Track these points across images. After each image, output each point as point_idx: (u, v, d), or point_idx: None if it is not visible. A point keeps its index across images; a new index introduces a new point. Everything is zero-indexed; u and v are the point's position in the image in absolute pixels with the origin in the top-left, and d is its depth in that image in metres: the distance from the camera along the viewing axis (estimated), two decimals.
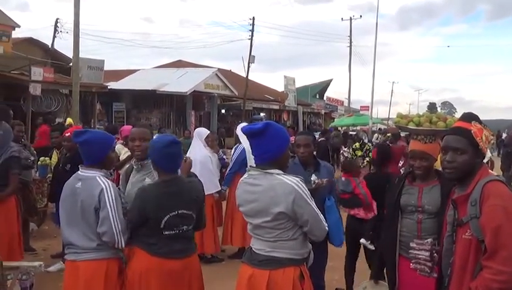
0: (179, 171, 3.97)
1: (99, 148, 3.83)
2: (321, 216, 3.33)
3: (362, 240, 5.49)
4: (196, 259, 3.93)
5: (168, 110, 26.53)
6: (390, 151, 6.57)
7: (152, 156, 3.81)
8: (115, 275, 3.75)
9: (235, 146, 7.94)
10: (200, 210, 3.91)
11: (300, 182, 3.25)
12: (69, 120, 11.84)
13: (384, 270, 4.35)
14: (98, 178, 3.71)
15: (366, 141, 14.50)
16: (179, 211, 3.70)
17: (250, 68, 30.47)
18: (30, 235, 7.92)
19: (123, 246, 3.71)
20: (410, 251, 3.25)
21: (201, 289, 3.91)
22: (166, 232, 3.67)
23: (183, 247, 3.75)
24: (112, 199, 3.64)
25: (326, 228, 3.38)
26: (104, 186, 3.66)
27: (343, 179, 5.66)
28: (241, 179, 3.50)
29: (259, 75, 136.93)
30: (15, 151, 5.47)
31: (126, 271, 3.76)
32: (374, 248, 5.42)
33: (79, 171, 3.81)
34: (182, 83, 25.25)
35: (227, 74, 31.04)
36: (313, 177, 4.63)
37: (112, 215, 3.62)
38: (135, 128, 4.48)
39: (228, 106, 31.25)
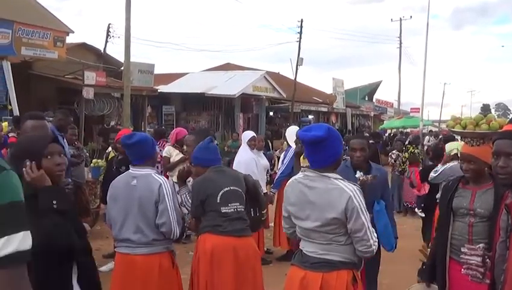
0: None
1: (148, 148, 4.12)
2: (370, 234, 3.25)
3: None
4: (254, 241, 4.59)
5: (216, 113, 26.72)
6: (442, 151, 7.58)
7: (194, 161, 4.64)
8: (169, 268, 3.99)
9: (286, 149, 7.92)
10: (246, 193, 4.53)
11: (358, 191, 3.23)
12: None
13: None
14: (153, 175, 4.02)
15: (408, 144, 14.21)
16: (231, 187, 4.39)
17: (298, 70, 30.47)
18: None
19: (177, 235, 3.99)
20: (461, 255, 3.19)
21: (260, 270, 4.48)
22: (224, 210, 4.26)
23: (242, 227, 4.35)
24: (169, 193, 3.96)
25: (373, 248, 3.27)
26: (161, 182, 3.97)
27: None
28: (295, 177, 3.50)
29: (308, 77, 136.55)
30: None
31: (198, 253, 4.28)
32: (423, 215, 8.54)
33: (131, 170, 4.09)
34: (230, 86, 25.39)
35: (276, 77, 31.01)
36: (358, 174, 4.60)
37: (170, 207, 3.92)
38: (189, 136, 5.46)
39: (276, 109, 31.23)
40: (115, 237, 4.24)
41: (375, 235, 3.31)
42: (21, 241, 1.52)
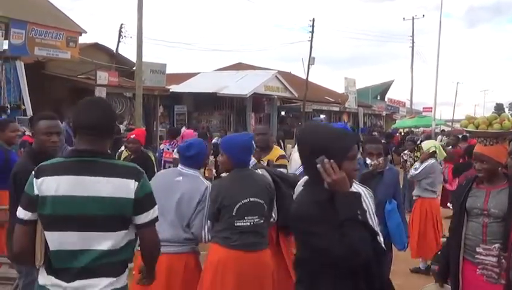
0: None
1: (202, 158, 4.33)
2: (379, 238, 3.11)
3: None
4: (268, 254, 4.10)
5: (228, 113, 26.75)
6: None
7: (226, 151, 4.14)
8: (193, 268, 4.05)
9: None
10: (272, 202, 4.15)
11: (368, 192, 3.21)
12: None
13: None
14: (201, 177, 4.17)
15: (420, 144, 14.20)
16: (251, 199, 3.96)
17: (310, 70, 30.41)
18: None
19: (207, 240, 4.02)
20: (476, 256, 3.16)
21: (272, 285, 4.08)
22: (238, 223, 3.91)
23: (255, 241, 3.96)
24: (209, 199, 4.04)
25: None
26: (207, 185, 4.11)
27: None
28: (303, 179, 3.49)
29: (319, 76, 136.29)
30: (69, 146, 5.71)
31: (206, 262, 4.04)
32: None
33: (179, 167, 4.22)
34: (242, 86, 25.39)
35: (287, 76, 30.96)
36: (368, 161, 4.59)
37: (206, 211, 4.01)
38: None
39: (288, 108, 31.19)
40: None
41: (381, 239, 3.19)
42: (155, 211, 2.80)
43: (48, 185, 2.57)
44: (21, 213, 2.66)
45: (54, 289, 2.60)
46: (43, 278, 2.66)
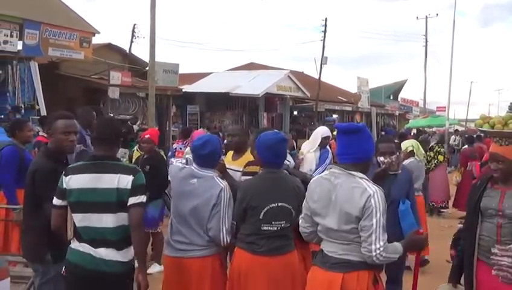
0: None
1: (217, 157, 4.22)
2: (375, 240, 3.11)
3: None
4: (295, 256, 3.99)
5: (240, 112, 26.78)
6: None
7: (259, 150, 4.01)
8: (219, 271, 4.03)
9: (321, 151, 7.75)
10: (300, 206, 3.87)
11: (380, 193, 3.18)
12: None
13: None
14: (215, 178, 4.06)
15: (433, 144, 14.09)
16: (279, 204, 3.85)
17: (322, 69, 30.37)
18: None
19: (227, 243, 3.97)
20: (492, 257, 3.14)
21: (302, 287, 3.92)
22: (265, 228, 3.81)
23: (281, 244, 3.87)
24: (227, 199, 3.96)
25: (373, 254, 3.12)
26: (223, 186, 4.01)
27: None
28: (320, 175, 3.49)
29: (332, 76, 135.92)
30: (81, 146, 5.75)
31: (231, 266, 4.00)
32: None
33: (193, 168, 4.11)
34: (254, 85, 25.41)
35: (300, 76, 30.94)
36: (381, 158, 4.57)
37: (223, 213, 3.91)
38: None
39: (300, 108, 31.18)
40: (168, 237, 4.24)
41: (381, 244, 3.13)
42: (144, 197, 3.61)
43: (73, 181, 3.61)
44: (55, 201, 3.69)
45: (84, 249, 3.58)
46: (76, 245, 3.64)
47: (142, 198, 3.61)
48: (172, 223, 4.10)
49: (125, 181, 3.55)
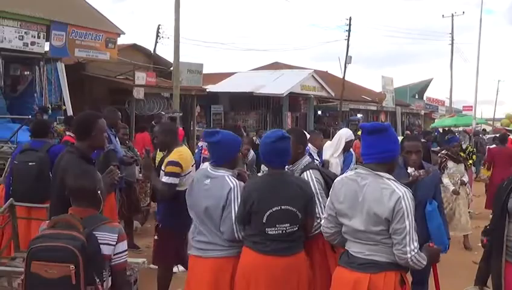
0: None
1: (230, 150, 4.04)
2: (410, 241, 3.10)
3: None
4: (302, 258, 3.86)
5: (264, 112, 26.78)
6: None
7: (260, 150, 3.90)
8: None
9: (345, 155, 7.68)
10: (306, 208, 3.80)
11: (408, 194, 3.14)
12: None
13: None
14: (227, 177, 3.92)
15: (466, 144, 13.85)
16: (283, 207, 3.69)
17: (346, 68, 30.21)
18: (134, 233, 8.23)
19: (240, 238, 3.84)
20: None
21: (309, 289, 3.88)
22: (270, 231, 3.69)
23: (288, 245, 3.74)
24: (237, 198, 3.83)
25: (408, 256, 3.11)
26: (232, 185, 3.87)
27: None
28: (345, 175, 3.45)
29: (356, 75, 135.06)
30: (111, 146, 5.79)
31: (239, 265, 3.87)
32: None
33: (208, 169, 4.02)
34: (278, 85, 25.41)
35: (324, 75, 30.85)
36: (410, 170, 4.50)
37: (234, 213, 3.81)
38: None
39: (324, 108, 31.07)
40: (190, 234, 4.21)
41: (416, 245, 3.12)
42: None
43: None
44: None
45: None
46: None
47: None
48: (194, 223, 4.11)
49: None
